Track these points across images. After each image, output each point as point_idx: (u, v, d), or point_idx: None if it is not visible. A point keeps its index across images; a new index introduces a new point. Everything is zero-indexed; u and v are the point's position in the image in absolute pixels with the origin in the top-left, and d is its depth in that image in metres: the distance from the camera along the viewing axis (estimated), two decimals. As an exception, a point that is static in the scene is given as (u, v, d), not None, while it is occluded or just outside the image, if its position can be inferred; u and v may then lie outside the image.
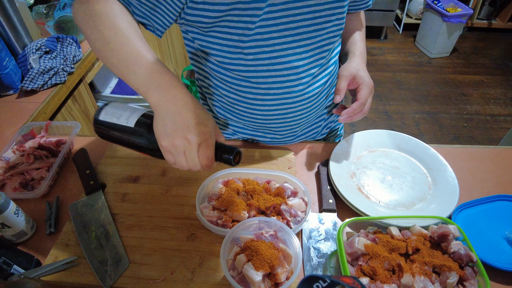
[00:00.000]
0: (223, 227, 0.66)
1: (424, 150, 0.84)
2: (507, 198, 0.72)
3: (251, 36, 0.68)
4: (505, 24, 3.70)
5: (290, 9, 0.66)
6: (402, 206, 0.74)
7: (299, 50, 0.72)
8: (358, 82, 0.76)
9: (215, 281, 0.62)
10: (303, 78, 0.76)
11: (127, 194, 0.78)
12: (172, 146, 0.52)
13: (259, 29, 0.67)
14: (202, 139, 0.53)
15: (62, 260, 0.64)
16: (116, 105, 0.61)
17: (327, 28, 0.72)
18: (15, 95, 1.17)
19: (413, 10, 3.66)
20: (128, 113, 0.58)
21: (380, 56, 3.50)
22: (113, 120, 0.58)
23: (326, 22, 0.71)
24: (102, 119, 0.59)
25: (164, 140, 0.52)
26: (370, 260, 0.58)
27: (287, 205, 0.69)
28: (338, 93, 0.75)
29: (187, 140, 0.52)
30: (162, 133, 0.52)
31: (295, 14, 0.67)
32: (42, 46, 1.23)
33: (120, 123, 0.57)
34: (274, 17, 0.66)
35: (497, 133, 2.58)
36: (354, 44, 0.85)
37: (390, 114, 2.74)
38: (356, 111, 0.74)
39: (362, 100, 0.74)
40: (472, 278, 0.56)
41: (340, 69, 0.79)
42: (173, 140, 0.52)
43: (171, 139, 0.52)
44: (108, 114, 0.59)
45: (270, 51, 0.71)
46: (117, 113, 0.59)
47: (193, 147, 0.52)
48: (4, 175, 0.80)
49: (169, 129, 0.52)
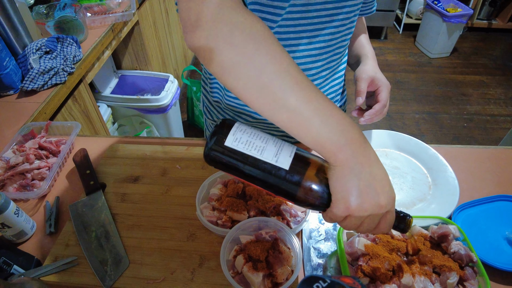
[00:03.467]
0: (223, 227, 0.66)
1: (424, 150, 0.84)
2: (507, 198, 0.72)
3: None
4: (505, 24, 3.70)
5: (309, 11, 0.66)
6: (402, 206, 0.74)
7: (313, 53, 0.73)
8: (377, 84, 0.78)
9: (215, 281, 0.62)
10: (315, 80, 0.76)
11: (127, 194, 0.78)
12: (359, 209, 0.44)
13: (278, 29, 0.67)
14: (391, 206, 0.46)
15: (62, 260, 0.64)
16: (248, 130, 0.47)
17: (342, 32, 0.73)
18: (15, 95, 1.17)
19: (413, 10, 3.66)
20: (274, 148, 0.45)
21: (380, 56, 3.50)
22: (252, 153, 0.45)
23: (342, 25, 0.72)
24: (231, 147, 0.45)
25: (353, 201, 0.43)
26: (370, 260, 0.58)
27: (287, 205, 0.69)
28: (360, 95, 0.76)
29: (378, 206, 0.44)
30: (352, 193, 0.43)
31: (313, 17, 0.67)
32: (42, 46, 1.23)
33: (265, 159, 0.44)
34: (293, 17, 0.66)
35: (497, 133, 2.58)
36: (363, 47, 0.86)
37: (390, 114, 2.74)
38: (378, 112, 0.76)
39: (384, 101, 0.76)
40: (472, 278, 0.56)
41: (358, 72, 0.79)
42: (363, 203, 0.43)
43: (362, 201, 0.43)
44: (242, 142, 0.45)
45: None
46: (256, 143, 0.45)
47: (380, 213, 0.45)
48: (4, 175, 0.80)
49: (361, 190, 0.43)
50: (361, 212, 0.44)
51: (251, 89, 0.43)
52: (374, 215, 0.45)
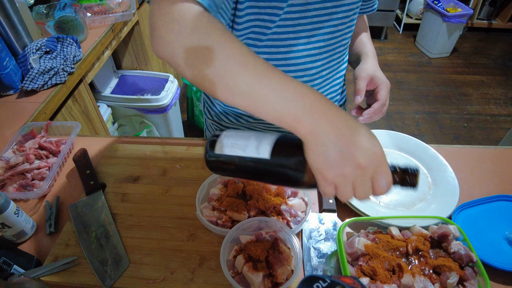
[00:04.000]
0: (223, 227, 0.66)
1: (424, 150, 0.84)
2: (507, 198, 0.72)
3: (268, 35, 0.68)
4: (505, 24, 3.70)
5: (308, 10, 0.66)
6: (402, 206, 0.74)
7: (313, 52, 0.73)
8: (376, 83, 0.77)
9: (215, 281, 0.62)
10: (315, 80, 0.76)
11: (127, 194, 0.78)
12: (341, 177, 0.42)
13: (277, 29, 0.67)
14: (376, 162, 0.42)
15: (62, 260, 0.64)
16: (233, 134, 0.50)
17: (341, 31, 0.73)
18: (15, 95, 1.17)
19: (413, 10, 3.66)
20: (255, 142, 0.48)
21: (380, 56, 3.50)
22: (237, 153, 0.48)
23: (341, 24, 0.72)
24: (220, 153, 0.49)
25: (330, 172, 0.42)
26: (370, 260, 0.58)
27: (287, 205, 0.69)
28: (358, 94, 0.76)
29: (359, 168, 0.41)
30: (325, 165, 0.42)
31: (312, 16, 0.67)
32: (42, 46, 1.23)
33: (248, 155, 0.47)
34: (292, 17, 0.66)
35: (497, 133, 2.58)
36: (364, 46, 0.86)
37: (390, 114, 2.74)
38: (377, 111, 0.75)
39: (383, 100, 0.75)
40: (472, 278, 0.56)
41: (357, 71, 0.79)
42: (342, 170, 0.41)
43: (339, 169, 0.41)
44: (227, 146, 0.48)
45: (285, 52, 0.71)
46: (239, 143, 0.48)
47: (366, 174, 0.42)
48: (4, 175, 0.80)
49: (333, 158, 0.41)
50: (343, 180, 0.42)
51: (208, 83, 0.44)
52: (361, 178, 0.42)
